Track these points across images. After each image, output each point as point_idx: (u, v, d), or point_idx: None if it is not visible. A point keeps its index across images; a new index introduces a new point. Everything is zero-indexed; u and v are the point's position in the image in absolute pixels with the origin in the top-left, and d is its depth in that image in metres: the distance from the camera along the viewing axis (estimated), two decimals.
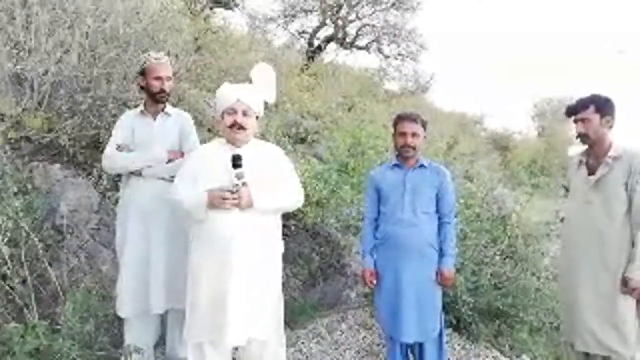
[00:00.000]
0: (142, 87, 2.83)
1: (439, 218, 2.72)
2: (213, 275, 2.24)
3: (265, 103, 2.48)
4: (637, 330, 2.59)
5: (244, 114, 2.33)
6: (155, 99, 2.79)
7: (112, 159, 2.70)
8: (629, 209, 2.56)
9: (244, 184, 2.22)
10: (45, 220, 3.11)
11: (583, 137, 2.71)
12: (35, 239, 2.75)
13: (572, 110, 2.73)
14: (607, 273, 2.59)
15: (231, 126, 2.32)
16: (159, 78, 2.76)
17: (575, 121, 2.71)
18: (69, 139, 3.52)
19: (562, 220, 2.98)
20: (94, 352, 2.58)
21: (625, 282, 2.53)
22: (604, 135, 2.66)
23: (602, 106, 2.65)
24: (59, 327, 2.46)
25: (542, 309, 3.86)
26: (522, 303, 3.78)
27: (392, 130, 2.83)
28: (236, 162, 2.24)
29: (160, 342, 2.99)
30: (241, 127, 2.32)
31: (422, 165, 2.75)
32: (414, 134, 2.70)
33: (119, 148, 2.71)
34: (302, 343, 3.51)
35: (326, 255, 4.67)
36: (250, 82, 2.44)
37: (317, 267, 4.48)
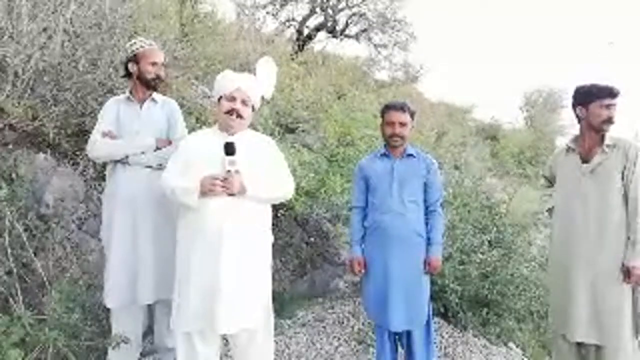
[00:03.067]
0: (130, 74, 2.77)
1: (426, 207, 2.73)
2: (204, 264, 2.22)
3: (261, 98, 2.47)
4: (632, 320, 2.56)
5: (243, 102, 2.32)
6: (149, 85, 2.75)
7: (97, 146, 2.64)
8: (625, 196, 2.55)
9: (236, 171, 2.21)
10: (30, 210, 3.06)
11: (611, 122, 2.64)
12: (20, 229, 2.71)
13: (615, 94, 2.64)
14: (604, 263, 2.56)
15: (228, 112, 2.30)
16: (154, 63, 2.73)
17: (609, 105, 2.62)
18: (54, 127, 3.45)
19: (548, 210, 2.93)
20: (80, 343, 2.56)
21: (626, 271, 2.50)
22: None
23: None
24: (45, 317, 2.43)
25: (529, 297, 3.90)
26: (510, 291, 3.81)
27: (380, 119, 2.82)
28: (229, 149, 2.22)
29: (149, 332, 2.98)
30: (239, 115, 2.31)
31: (409, 155, 2.75)
32: (401, 124, 2.69)
33: (104, 135, 2.65)
34: (291, 332, 3.52)
35: (315, 244, 4.67)
36: (249, 71, 2.43)
37: (306, 256, 4.48)
